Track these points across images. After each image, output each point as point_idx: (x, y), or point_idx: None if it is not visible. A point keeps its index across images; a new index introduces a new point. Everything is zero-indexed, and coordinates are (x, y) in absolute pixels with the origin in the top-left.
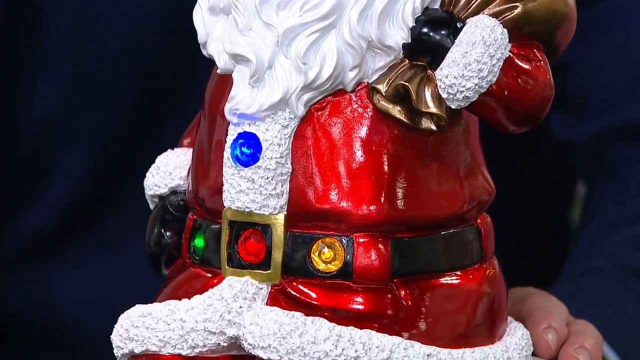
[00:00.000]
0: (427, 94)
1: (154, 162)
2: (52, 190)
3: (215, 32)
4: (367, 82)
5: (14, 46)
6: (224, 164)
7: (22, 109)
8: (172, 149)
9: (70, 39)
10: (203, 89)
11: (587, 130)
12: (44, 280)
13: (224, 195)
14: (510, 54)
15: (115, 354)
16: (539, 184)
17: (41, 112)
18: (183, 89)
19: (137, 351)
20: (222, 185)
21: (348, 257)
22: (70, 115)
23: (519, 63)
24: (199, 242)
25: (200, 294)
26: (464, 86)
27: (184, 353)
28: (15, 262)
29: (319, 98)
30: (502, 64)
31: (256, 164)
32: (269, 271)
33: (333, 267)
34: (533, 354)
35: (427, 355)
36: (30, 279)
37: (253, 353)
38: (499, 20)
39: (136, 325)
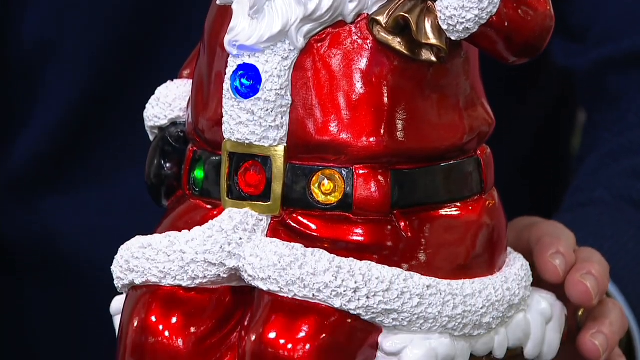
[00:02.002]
0: (427, 25)
1: (148, 87)
2: (44, 116)
3: None
4: (367, 14)
5: None
6: (223, 96)
7: (13, 29)
8: (172, 80)
9: None
10: (198, 15)
11: (589, 59)
12: (39, 210)
13: (223, 127)
14: None
15: (116, 285)
16: (539, 114)
17: (32, 33)
18: (177, 15)
19: (137, 282)
20: (222, 116)
21: (348, 188)
22: (62, 36)
23: None
24: (198, 173)
25: (200, 226)
26: (464, 17)
27: (184, 284)
28: (9, 192)
29: (318, 30)
30: None
31: (256, 96)
32: (268, 203)
33: (333, 199)
34: (541, 280)
35: (427, 287)
36: (25, 208)
37: (253, 284)
38: None
39: (136, 257)
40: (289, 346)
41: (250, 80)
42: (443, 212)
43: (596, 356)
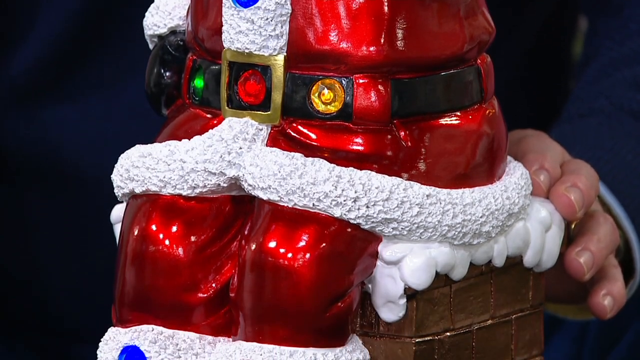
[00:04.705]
0: None
1: None
2: (45, 25)
3: None
4: None
5: None
6: (223, 5)
7: None
8: None
9: None
10: None
11: None
12: (40, 119)
13: (223, 36)
14: None
15: (116, 194)
16: (540, 21)
17: None
18: None
19: (137, 191)
20: (222, 25)
21: (348, 98)
22: None
23: None
24: (198, 82)
25: (200, 135)
26: None
27: (184, 193)
28: (9, 101)
29: None
30: None
31: (255, 5)
32: (268, 112)
33: (333, 108)
34: None
35: (427, 196)
36: (26, 117)
37: (253, 194)
38: None
39: (136, 166)
40: (289, 255)
41: None
42: (443, 121)
43: (580, 274)
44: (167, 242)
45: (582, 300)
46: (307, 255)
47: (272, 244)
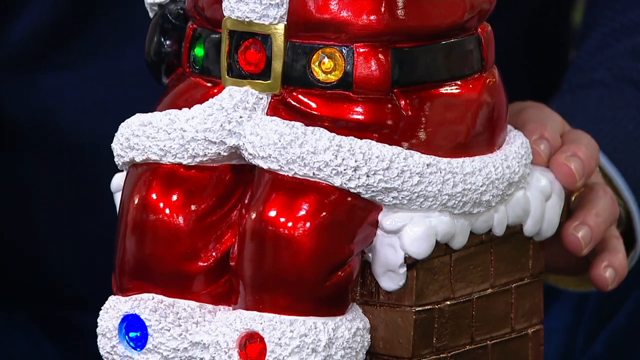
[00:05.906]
0: None
1: None
2: None
3: None
4: None
5: None
6: None
7: None
8: None
9: None
10: None
11: None
12: (39, 86)
13: (223, 5)
14: None
15: (116, 162)
16: None
17: None
18: None
19: (137, 160)
20: None
21: (348, 67)
22: None
23: None
24: (199, 51)
25: (200, 104)
26: None
27: (184, 162)
28: (8, 67)
29: None
30: None
31: None
32: (269, 81)
33: (333, 77)
34: None
35: (427, 165)
36: (24, 84)
37: (253, 163)
38: None
39: (137, 134)
40: (289, 224)
41: None
42: (443, 90)
43: (578, 249)
44: (167, 210)
45: (583, 272)
46: (307, 224)
47: (273, 213)
